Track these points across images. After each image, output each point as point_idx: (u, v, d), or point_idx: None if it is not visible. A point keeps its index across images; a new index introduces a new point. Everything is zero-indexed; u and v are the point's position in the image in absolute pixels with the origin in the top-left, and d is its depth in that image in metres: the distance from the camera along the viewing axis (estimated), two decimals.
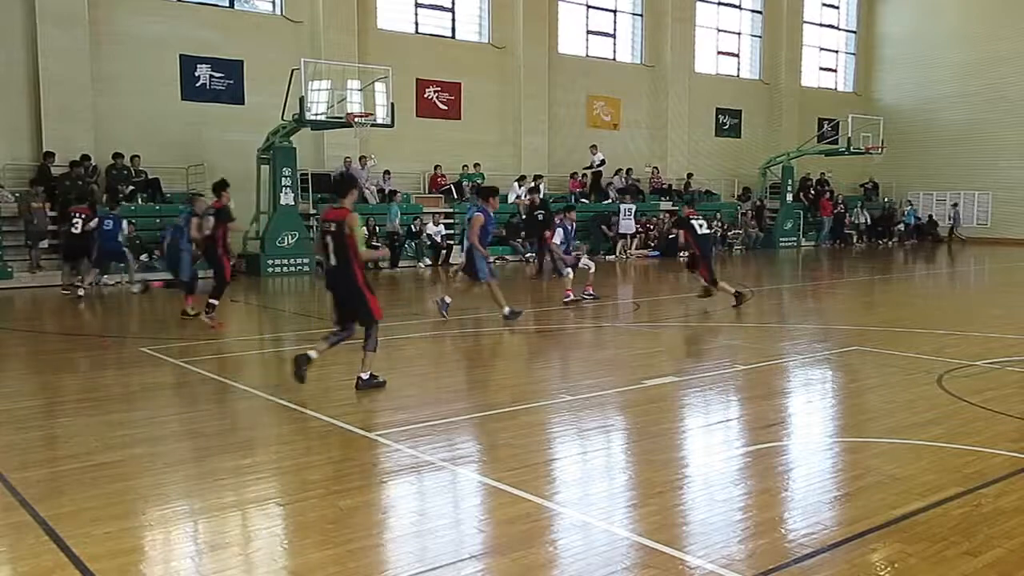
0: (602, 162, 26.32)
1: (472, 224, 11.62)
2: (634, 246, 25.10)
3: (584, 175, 26.28)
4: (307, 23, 22.01)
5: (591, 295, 13.98)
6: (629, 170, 27.81)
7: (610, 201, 26.18)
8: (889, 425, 6.57)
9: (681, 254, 19.73)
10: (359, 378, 7.56)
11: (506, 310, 11.62)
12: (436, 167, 23.83)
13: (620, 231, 24.95)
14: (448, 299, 11.83)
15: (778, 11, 32.01)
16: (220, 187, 11.62)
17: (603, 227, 24.90)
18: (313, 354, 7.53)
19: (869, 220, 32.15)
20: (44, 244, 17.46)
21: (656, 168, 28.39)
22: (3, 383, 8.45)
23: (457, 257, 20.56)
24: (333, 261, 7.50)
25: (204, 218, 11.59)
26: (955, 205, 32.46)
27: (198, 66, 20.56)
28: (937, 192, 33.56)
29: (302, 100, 18.14)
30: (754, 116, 31.98)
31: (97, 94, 19.06)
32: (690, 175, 28.99)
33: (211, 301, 11.43)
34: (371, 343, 7.53)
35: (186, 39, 20.34)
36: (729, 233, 27.53)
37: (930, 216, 33.12)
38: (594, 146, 26.42)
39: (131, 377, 8.73)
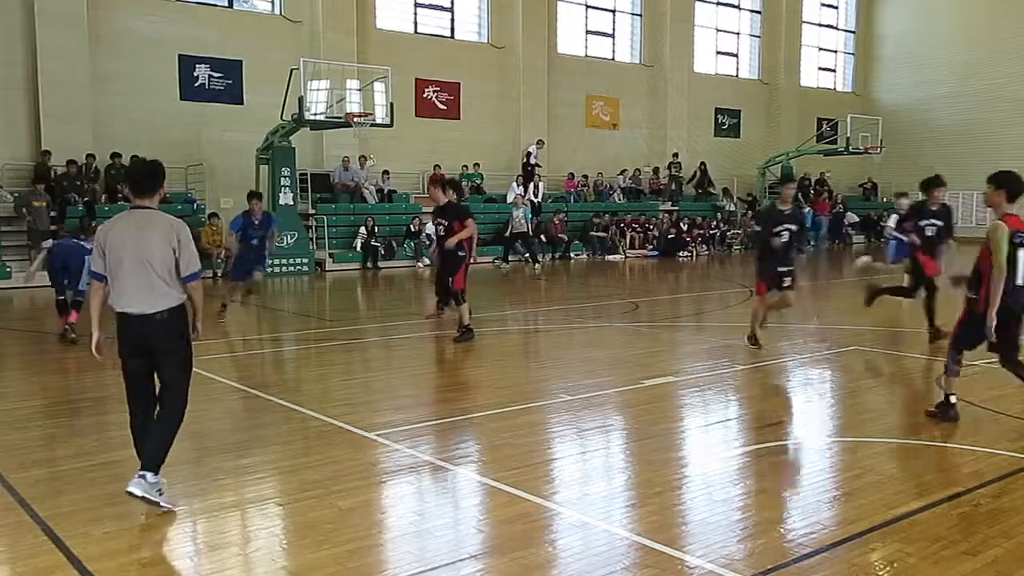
0: (537, 164, 24.31)
1: None
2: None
3: (529, 169, 24.24)
4: (306, 23, 22.00)
5: None
6: (657, 168, 28.20)
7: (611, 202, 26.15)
8: (888, 425, 6.57)
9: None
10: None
11: None
12: (435, 167, 23.77)
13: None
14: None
15: (777, 11, 32.01)
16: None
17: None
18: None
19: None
20: (48, 244, 17.36)
21: (657, 168, 28.44)
22: (2, 383, 8.44)
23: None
24: (1020, 281, 6.12)
25: None
26: None
27: (197, 66, 20.55)
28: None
29: (301, 100, 18.15)
30: (753, 116, 31.97)
31: (96, 94, 19.05)
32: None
33: None
34: None
35: (185, 39, 20.32)
36: (728, 233, 27.54)
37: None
38: (540, 141, 24.63)
39: None
